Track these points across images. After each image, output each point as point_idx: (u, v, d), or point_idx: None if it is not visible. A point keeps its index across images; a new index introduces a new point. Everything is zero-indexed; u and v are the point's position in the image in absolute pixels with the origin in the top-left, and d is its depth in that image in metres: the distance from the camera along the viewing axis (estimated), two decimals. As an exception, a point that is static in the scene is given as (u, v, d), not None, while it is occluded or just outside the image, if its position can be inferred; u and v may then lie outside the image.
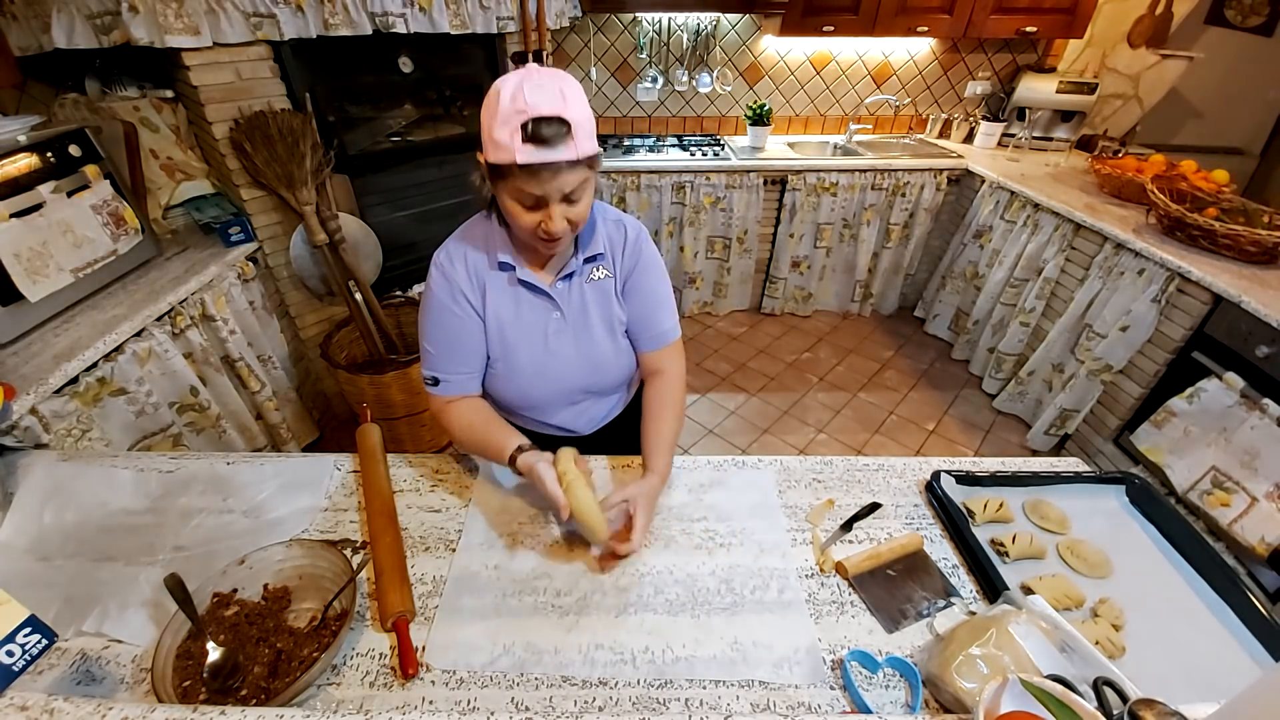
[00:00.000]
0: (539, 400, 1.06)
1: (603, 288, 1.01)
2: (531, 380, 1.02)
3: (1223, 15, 3.14)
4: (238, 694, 0.70)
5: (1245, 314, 1.67)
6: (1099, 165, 2.43)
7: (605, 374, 1.06)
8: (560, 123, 0.77)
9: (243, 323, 1.83)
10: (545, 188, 0.80)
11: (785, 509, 1.00)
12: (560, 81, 0.79)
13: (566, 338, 1.00)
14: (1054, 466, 1.08)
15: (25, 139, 1.40)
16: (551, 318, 0.99)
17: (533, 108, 0.75)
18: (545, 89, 0.77)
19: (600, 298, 1.01)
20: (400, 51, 2.03)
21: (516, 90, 0.76)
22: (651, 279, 1.03)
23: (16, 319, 1.34)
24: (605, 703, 0.71)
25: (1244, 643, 0.80)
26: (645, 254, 1.02)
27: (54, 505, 0.96)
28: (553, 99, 0.77)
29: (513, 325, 0.98)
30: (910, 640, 0.79)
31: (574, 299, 1.00)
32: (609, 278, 1.01)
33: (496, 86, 0.79)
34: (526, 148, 0.76)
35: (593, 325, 1.01)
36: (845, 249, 3.14)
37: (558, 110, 0.76)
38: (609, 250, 1.01)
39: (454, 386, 1.00)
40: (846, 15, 2.70)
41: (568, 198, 0.83)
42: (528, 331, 0.99)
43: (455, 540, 0.93)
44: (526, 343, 0.99)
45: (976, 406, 2.69)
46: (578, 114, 0.79)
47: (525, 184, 0.80)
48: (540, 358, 1.00)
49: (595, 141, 0.84)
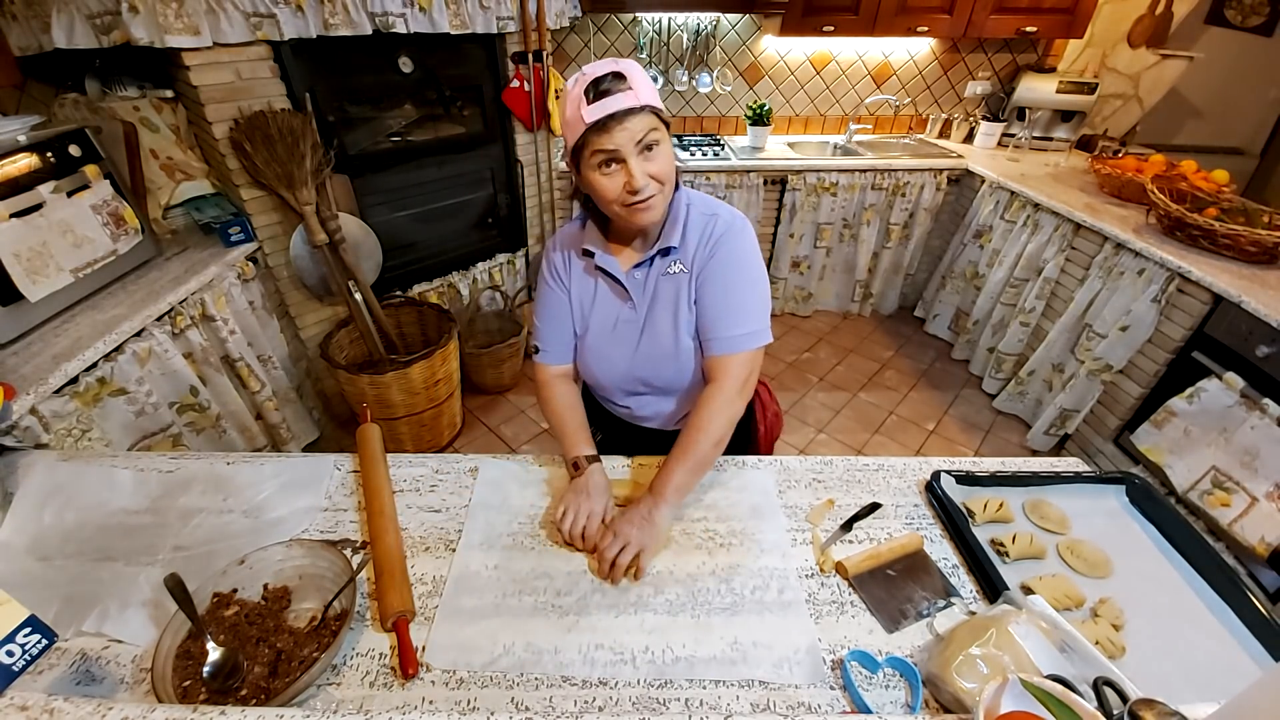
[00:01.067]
0: (603, 382, 1.13)
1: (676, 283, 1.01)
2: (597, 361, 1.09)
3: (1223, 15, 3.15)
4: (238, 694, 0.70)
5: (1245, 314, 1.67)
6: (1099, 165, 2.43)
7: (660, 370, 1.06)
8: (616, 76, 0.84)
9: (243, 323, 1.83)
10: (616, 139, 0.85)
11: (785, 509, 1.00)
12: (620, 60, 0.88)
13: (633, 328, 1.05)
14: (1054, 466, 1.08)
15: (25, 139, 1.40)
16: (624, 306, 1.04)
17: (590, 73, 0.85)
18: (603, 62, 0.87)
19: (672, 294, 1.01)
20: (400, 51, 2.03)
21: (581, 75, 0.86)
22: (727, 277, 0.97)
23: (16, 319, 1.34)
24: (605, 703, 0.71)
25: (1244, 643, 0.80)
26: (726, 249, 0.97)
27: (54, 505, 0.96)
28: (607, 65, 0.86)
29: (591, 307, 1.06)
30: (910, 640, 0.79)
31: (648, 290, 1.02)
32: (684, 273, 1.00)
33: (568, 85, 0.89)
34: (590, 108, 0.83)
35: (659, 320, 1.03)
36: (845, 249, 3.14)
37: (612, 68, 0.85)
38: (690, 245, 0.99)
39: (553, 356, 1.10)
40: (846, 15, 2.70)
41: (644, 150, 0.87)
42: (601, 316, 1.06)
43: (455, 540, 0.93)
44: (598, 326, 1.06)
45: (976, 406, 2.69)
46: (636, 73, 0.86)
47: (599, 142, 0.86)
48: (605, 343, 1.07)
49: (659, 101, 0.89)
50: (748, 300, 0.99)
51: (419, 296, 2.41)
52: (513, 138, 2.46)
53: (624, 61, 0.87)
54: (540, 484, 1.04)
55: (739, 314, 0.98)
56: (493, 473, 1.06)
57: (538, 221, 2.76)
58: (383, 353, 2.18)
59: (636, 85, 0.85)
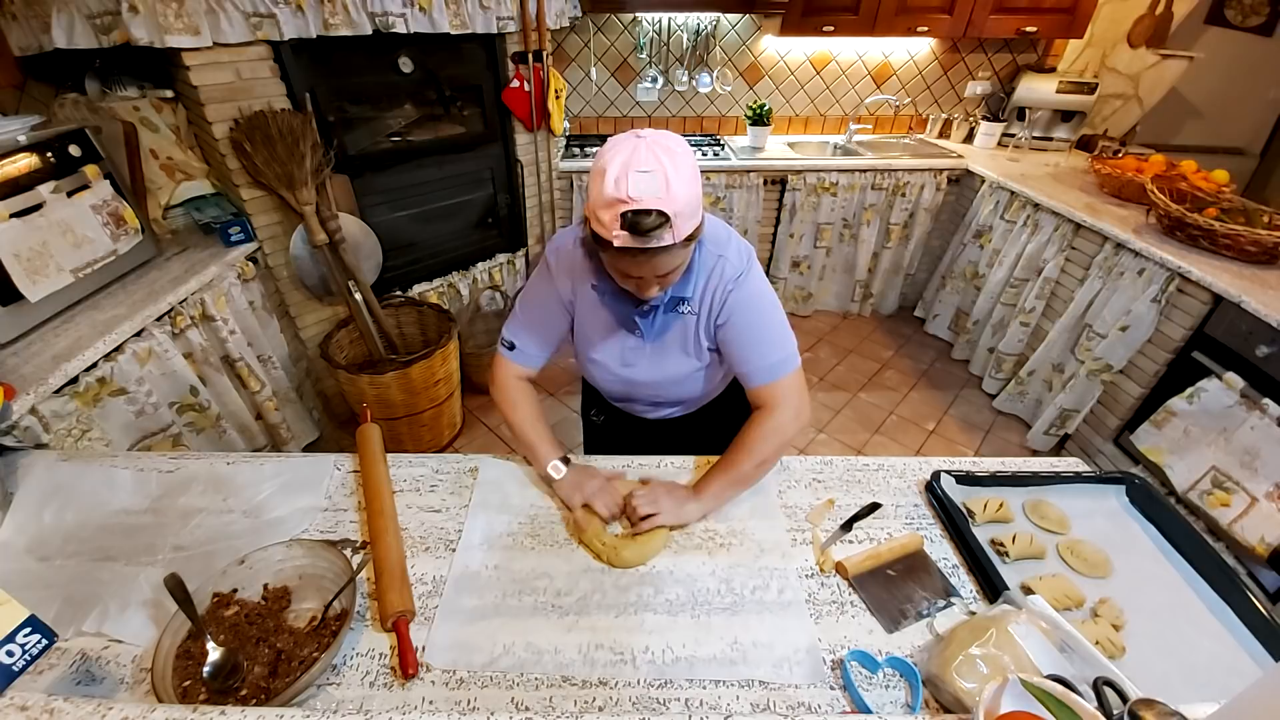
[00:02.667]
0: (609, 389, 1.14)
1: (684, 323, 1.01)
2: (608, 379, 1.10)
3: (1223, 15, 3.15)
4: (238, 694, 0.70)
5: (1245, 314, 1.67)
6: (1099, 165, 2.43)
7: (679, 390, 1.10)
8: (660, 215, 0.76)
9: (243, 323, 1.83)
10: (640, 269, 0.83)
11: (785, 509, 1.00)
12: (667, 162, 0.77)
13: (642, 356, 1.04)
14: (1054, 466, 1.08)
15: (25, 139, 1.40)
16: (631, 337, 1.03)
17: (634, 200, 0.75)
18: (650, 177, 0.76)
19: (682, 329, 1.02)
20: (400, 51, 2.03)
21: (621, 174, 0.76)
22: (748, 316, 0.98)
23: (16, 319, 1.34)
24: (605, 703, 0.71)
25: (1244, 643, 0.80)
26: (741, 299, 0.96)
27: (54, 505, 0.96)
28: (655, 189, 0.76)
29: (596, 333, 1.05)
30: (910, 640, 0.79)
31: (655, 326, 1.02)
32: (693, 315, 1.00)
33: (605, 159, 0.78)
34: (623, 234, 0.77)
35: (669, 351, 1.04)
36: (845, 249, 3.13)
37: (659, 202, 0.76)
38: (699, 290, 0.97)
39: (525, 358, 1.07)
40: (846, 15, 2.70)
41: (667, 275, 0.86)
42: (607, 343, 1.05)
43: (455, 540, 0.93)
44: (605, 352, 1.06)
45: (976, 406, 2.69)
46: (681, 202, 0.77)
47: (622, 264, 0.84)
48: (614, 365, 1.07)
49: (699, 216, 0.83)
50: (773, 331, 1.00)
51: (419, 296, 2.41)
52: (513, 138, 2.46)
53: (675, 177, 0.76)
54: (540, 484, 1.04)
55: (770, 342, 1.00)
56: (493, 473, 1.06)
57: (538, 221, 2.76)
58: (383, 353, 2.18)
59: (678, 222, 0.77)
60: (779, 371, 0.99)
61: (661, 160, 0.77)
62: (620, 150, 0.78)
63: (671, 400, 1.14)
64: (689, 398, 1.14)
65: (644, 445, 1.17)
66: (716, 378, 1.11)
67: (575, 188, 2.75)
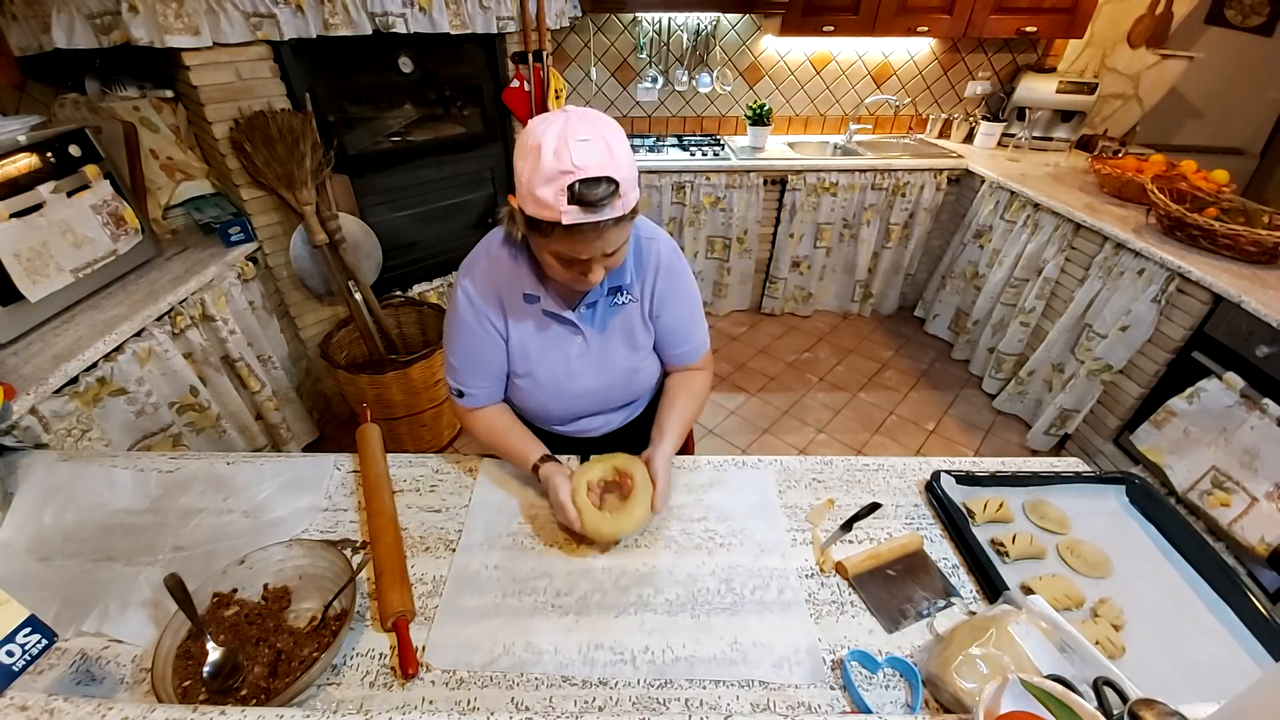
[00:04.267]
0: (557, 414, 1.08)
1: (627, 312, 1.00)
2: (551, 397, 1.04)
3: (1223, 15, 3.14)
4: (238, 694, 0.70)
5: (1245, 314, 1.67)
6: (1099, 165, 2.43)
7: (624, 390, 1.08)
8: (609, 182, 0.73)
9: (243, 323, 1.83)
10: (590, 248, 0.78)
11: (785, 509, 1.00)
12: (604, 131, 0.74)
13: (589, 360, 1.01)
14: (1054, 466, 1.08)
15: (25, 139, 1.40)
16: (575, 341, 1.00)
17: (580, 168, 0.71)
18: (591, 145, 0.72)
19: (624, 321, 1.01)
20: (400, 51, 2.03)
21: (560, 145, 0.72)
22: (683, 299, 1.02)
23: (16, 319, 1.34)
24: (605, 703, 0.71)
25: (1244, 643, 0.80)
26: (676, 275, 1.00)
27: (54, 505, 0.96)
28: (600, 155, 0.72)
29: (537, 349, 0.99)
30: (910, 640, 0.79)
31: (597, 323, 1.00)
32: (634, 302, 1.00)
33: (535, 136, 0.74)
34: (572, 209, 0.72)
35: (614, 347, 1.02)
36: (845, 249, 3.13)
37: (606, 169, 0.72)
38: (636, 276, 0.98)
39: (478, 399, 1.03)
40: (846, 15, 2.70)
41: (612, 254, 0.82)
42: (550, 355, 1.00)
43: (455, 540, 0.93)
44: (548, 364, 1.01)
45: (976, 406, 2.69)
46: (625, 168, 0.74)
47: (568, 245, 0.78)
48: (561, 378, 1.02)
49: (638, 188, 0.80)
50: (700, 310, 1.08)
51: (419, 296, 2.41)
52: (513, 138, 2.45)
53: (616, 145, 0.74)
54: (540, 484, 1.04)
55: (696, 325, 1.07)
56: (493, 473, 1.06)
57: (538, 221, 2.76)
58: (383, 353, 2.18)
59: (625, 189, 0.74)
60: (707, 346, 1.10)
61: (597, 128, 0.74)
62: (551, 123, 0.74)
63: (621, 402, 1.11)
64: (639, 395, 1.12)
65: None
66: (657, 366, 1.09)
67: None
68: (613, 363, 1.03)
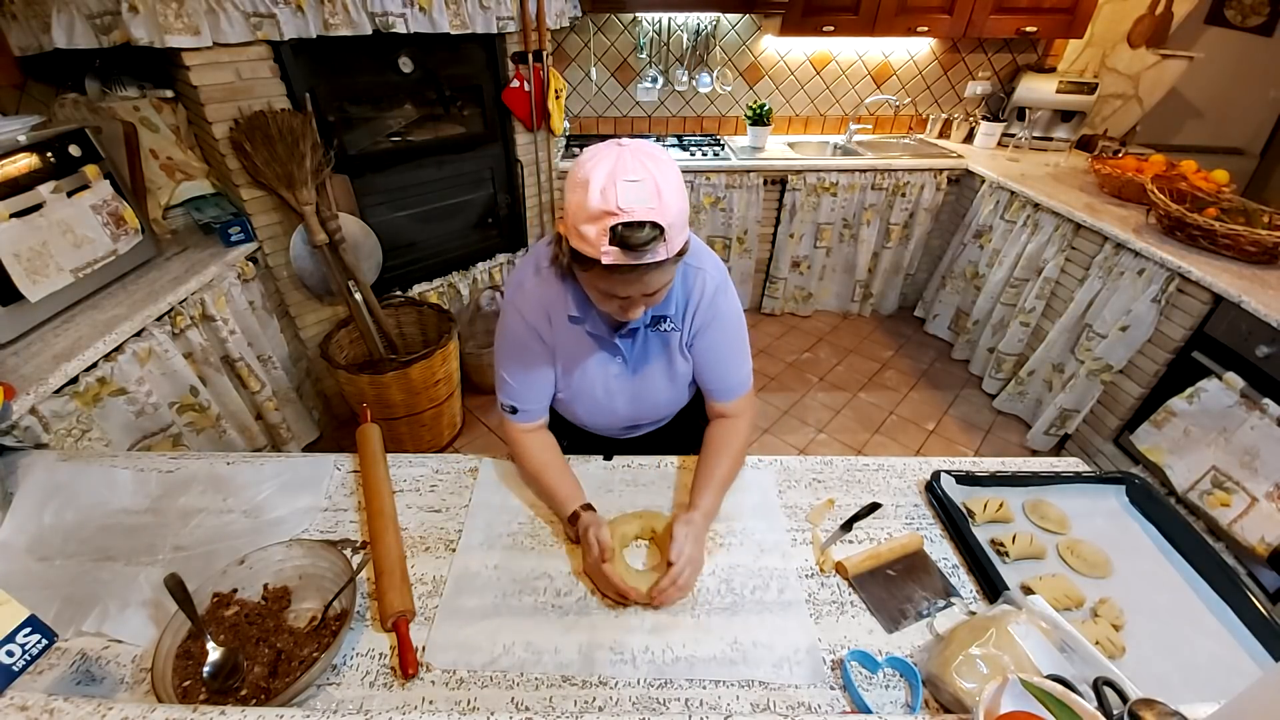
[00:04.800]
0: (588, 424, 1.12)
1: (666, 339, 1.00)
2: (587, 410, 1.06)
3: (1223, 15, 3.15)
4: (238, 694, 0.70)
5: (1245, 314, 1.67)
6: (1099, 165, 2.43)
7: (655, 412, 1.09)
8: (654, 227, 0.70)
9: (243, 323, 1.83)
10: (630, 287, 0.77)
11: (785, 509, 1.00)
12: (656, 171, 0.71)
13: (625, 382, 1.02)
14: (1054, 466, 1.08)
15: (25, 139, 1.40)
16: (614, 362, 1.00)
17: (625, 211, 0.69)
18: (640, 186, 0.70)
19: (662, 348, 1.01)
20: (400, 51, 2.02)
21: (608, 184, 0.70)
22: (725, 334, 0.99)
23: (16, 319, 1.34)
24: (605, 703, 0.71)
25: (1244, 643, 0.80)
26: (722, 309, 0.97)
27: (54, 505, 0.96)
28: (647, 198, 0.70)
29: (578, 367, 1.00)
30: (910, 640, 0.79)
31: (637, 347, 1.00)
32: (674, 331, 0.98)
33: (585, 170, 0.72)
34: (613, 250, 0.71)
35: (651, 372, 1.02)
36: (845, 249, 3.13)
37: (651, 213, 0.70)
38: (680, 308, 0.96)
39: (531, 415, 1.03)
40: (846, 15, 2.70)
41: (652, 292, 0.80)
42: (590, 374, 1.01)
43: (455, 540, 0.93)
44: (587, 383, 1.02)
45: (976, 406, 2.69)
46: (673, 213, 0.72)
47: (609, 283, 0.77)
48: (598, 396, 1.03)
49: (688, 230, 0.78)
50: (742, 347, 1.04)
51: (419, 296, 2.41)
52: (513, 138, 2.45)
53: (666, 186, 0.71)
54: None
55: (738, 361, 1.04)
56: (493, 473, 1.06)
57: (538, 221, 2.76)
58: (383, 353, 2.18)
59: (671, 234, 0.72)
60: (746, 386, 1.05)
61: (649, 168, 0.72)
62: (603, 159, 0.72)
63: (650, 421, 1.13)
64: (666, 416, 1.14)
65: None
66: (689, 390, 1.09)
67: (575, 188, 2.75)
68: (649, 385, 1.03)
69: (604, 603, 0.84)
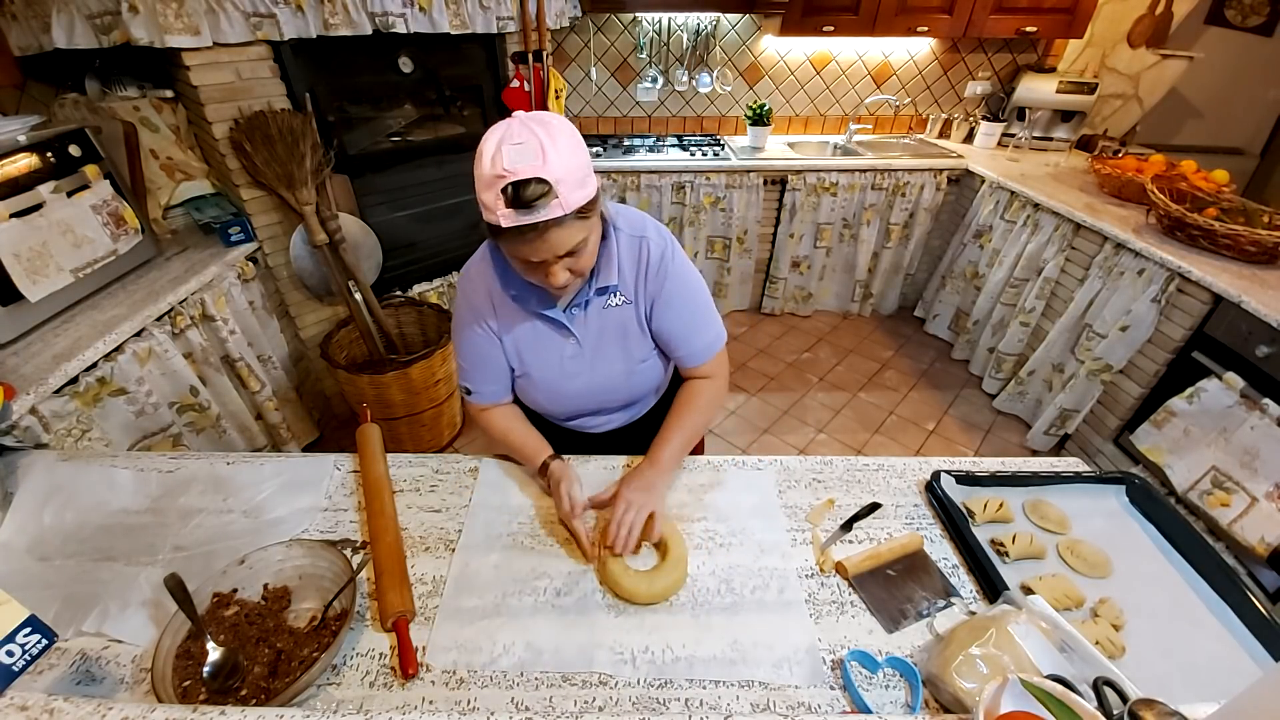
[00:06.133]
0: (555, 411, 1.11)
1: (620, 316, 0.99)
2: (547, 396, 1.06)
3: (1223, 15, 3.14)
4: (238, 694, 0.70)
5: (1245, 314, 1.67)
6: (1099, 165, 2.43)
7: (622, 391, 1.08)
8: (540, 183, 0.73)
9: (243, 323, 1.83)
10: (536, 249, 0.79)
11: (785, 509, 1.00)
12: (543, 134, 0.75)
13: (582, 363, 1.01)
14: (1054, 466, 1.08)
15: (25, 139, 1.40)
16: (567, 344, 0.99)
17: (510, 171, 0.73)
18: (525, 148, 0.74)
19: (617, 327, 1.00)
20: (400, 51, 2.03)
21: (496, 152, 0.74)
22: (682, 297, 0.99)
23: (16, 319, 1.34)
24: (605, 703, 0.71)
25: (1244, 643, 0.80)
26: (672, 274, 0.97)
27: (54, 505, 0.96)
28: (531, 157, 0.73)
29: (529, 349, 1.00)
30: (910, 640, 0.79)
31: (590, 326, 0.99)
32: (627, 303, 0.98)
33: (481, 145, 0.77)
34: (509, 211, 0.74)
35: (607, 350, 1.01)
36: (845, 249, 3.14)
37: (536, 170, 0.73)
38: (627, 277, 0.96)
39: (486, 397, 1.05)
40: (846, 15, 2.70)
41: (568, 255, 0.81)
42: (543, 355, 1.01)
43: (455, 540, 0.93)
44: (541, 365, 1.01)
45: (976, 406, 2.69)
46: (561, 169, 0.75)
47: (516, 247, 0.80)
48: (555, 379, 1.02)
49: (589, 187, 0.79)
50: (704, 309, 1.03)
51: (419, 296, 2.41)
52: (513, 138, 2.45)
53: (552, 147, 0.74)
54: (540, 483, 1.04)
55: (702, 322, 1.03)
56: (493, 473, 1.06)
57: (538, 221, 2.76)
58: (383, 353, 2.18)
59: (562, 189, 0.74)
60: (715, 348, 1.05)
61: (535, 131, 0.75)
62: (495, 131, 0.77)
63: (622, 403, 1.11)
64: (641, 395, 1.11)
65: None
66: (664, 368, 1.09)
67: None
68: (606, 365, 1.02)
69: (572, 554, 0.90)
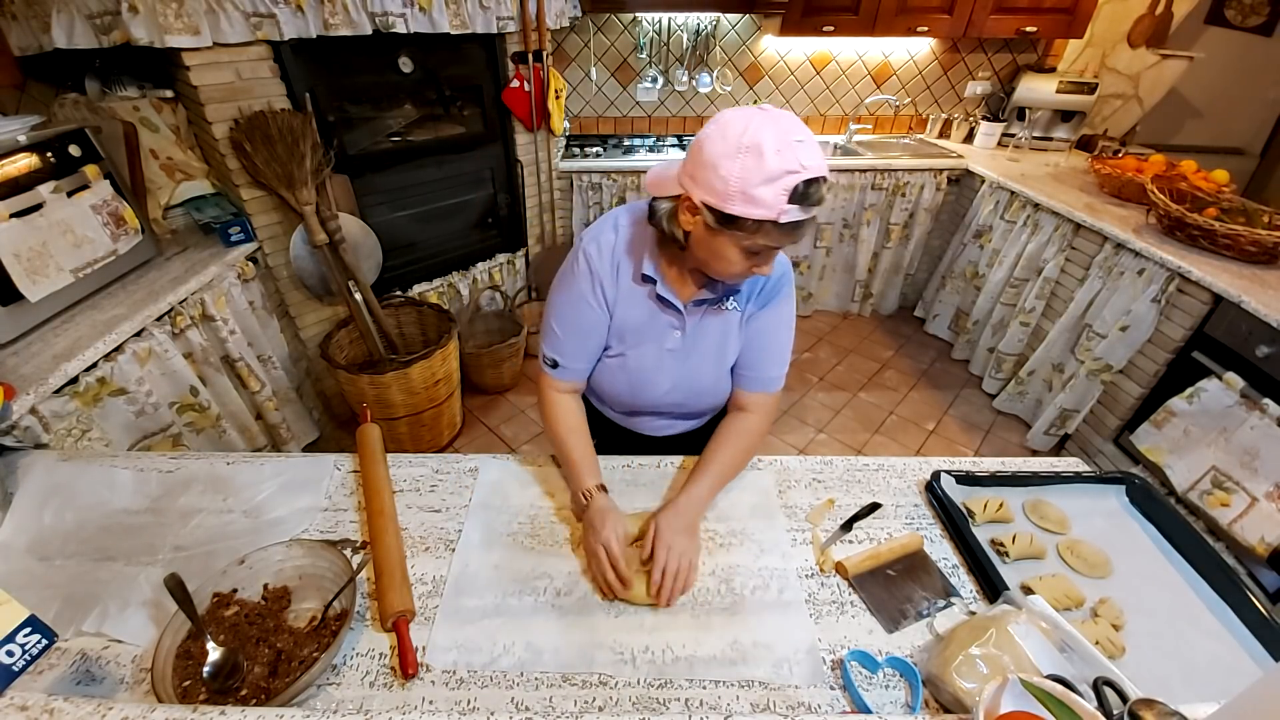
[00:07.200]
0: (628, 402, 1.08)
1: (726, 321, 0.99)
2: (631, 384, 1.04)
3: (1223, 15, 3.15)
4: (238, 694, 0.70)
5: (1245, 314, 1.67)
6: (1099, 165, 2.43)
7: (700, 400, 1.08)
8: (824, 181, 0.76)
9: (243, 323, 1.83)
10: (787, 242, 0.80)
11: (785, 509, 1.00)
12: (808, 131, 0.76)
13: (677, 357, 1.01)
14: (1054, 466, 1.08)
15: (25, 139, 1.40)
16: (672, 334, 0.99)
17: (807, 169, 0.73)
18: (809, 145, 0.74)
19: (722, 329, 1.00)
20: (400, 51, 2.03)
21: (783, 146, 0.72)
22: (778, 321, 1.00)
23: (16, 319, 1.34)
24: (605, 703, 0.71)
25: (1244, 643, 0.80)
26: (783, 296, 0.99)
27: (54, 505, 0.96)
28: (818, 155, 0.75)
29: (635, 332, 0.99)
30: (910, 640, 0.79)
31: (699, 323, 0.99)
32: (736, 311, 0.99)
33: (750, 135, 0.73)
34: (792, 208, 0.74)
35: (704, 352, 1.01)
36: (845, 249, 3.14)
37: (822, 169, 0.75)
38: (749, 286, 0.97)
39: (570, 374, 1.02)
40: (846, 15, 2.70)
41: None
42: (647, 341, 1.00)
43: (455, 540, 0.93)
44: (641, 350, 1.00)
45: (976, 406, 2.69)
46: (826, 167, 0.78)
47: (771, 239, 0.79)
48: (649, 367, 1.01)
49: None
50: (787, 344, 1.03)
51: (419, 296, 2.41)
52: (513, 138, 2.46)
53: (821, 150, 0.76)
54: (540, 484, 1.04)
55: (780, 356, 1.03)
56: (493, 473, 1.06)
57: (537, 221, 2.76)
58: (383, 353, 2.18)
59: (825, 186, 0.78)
60: (777, 385, 1.04)
61: (804, 128, 0.77)
62: (762, 124, 0.74)
63: (693, 412, 1.11)
64: (710, 410, 1.12)
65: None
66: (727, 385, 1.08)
67: (575, 188, 2.75)
68: (697, 368, 1.02)
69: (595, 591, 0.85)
